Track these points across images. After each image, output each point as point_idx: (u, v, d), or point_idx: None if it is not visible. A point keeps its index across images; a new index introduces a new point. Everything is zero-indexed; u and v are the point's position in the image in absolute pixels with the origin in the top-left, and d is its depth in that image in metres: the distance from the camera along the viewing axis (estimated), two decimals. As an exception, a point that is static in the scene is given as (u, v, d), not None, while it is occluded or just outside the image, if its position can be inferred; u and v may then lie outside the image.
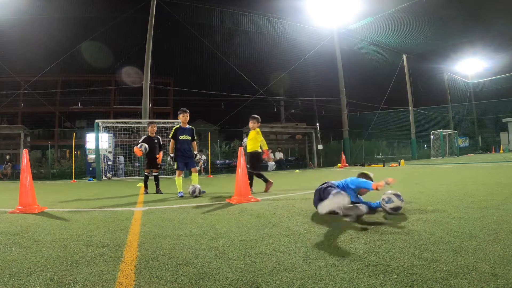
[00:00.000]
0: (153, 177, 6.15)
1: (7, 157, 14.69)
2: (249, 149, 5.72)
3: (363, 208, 2.77)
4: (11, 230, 2.68)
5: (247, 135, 6.18)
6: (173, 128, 5.60)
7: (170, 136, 5.57)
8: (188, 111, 5.62)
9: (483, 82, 29.45)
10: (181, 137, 5.46)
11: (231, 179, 8.33)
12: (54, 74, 20.61)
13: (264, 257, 1.74)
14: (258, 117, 5.83)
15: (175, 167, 5.56)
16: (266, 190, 5.42)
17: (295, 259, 1.69)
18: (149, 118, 16.06)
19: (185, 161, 5.49)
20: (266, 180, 5.52)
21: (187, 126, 5.60)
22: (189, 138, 5.55)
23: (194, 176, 5.48)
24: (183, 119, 5.55)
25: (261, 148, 5.75)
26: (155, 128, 6.57)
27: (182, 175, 5.51)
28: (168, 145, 5.63)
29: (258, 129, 5.75)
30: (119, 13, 16.25)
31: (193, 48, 18.59)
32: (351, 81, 21.33)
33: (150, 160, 6.17)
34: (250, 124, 5.79)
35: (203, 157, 14.76)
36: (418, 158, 22.22)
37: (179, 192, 5.27)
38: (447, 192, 4.09)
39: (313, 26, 20.18)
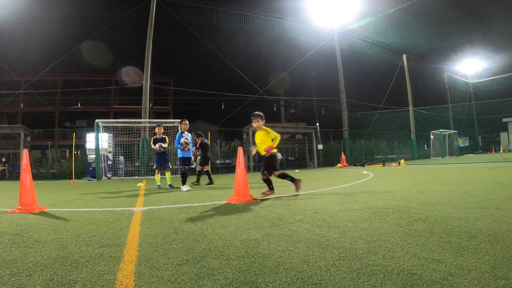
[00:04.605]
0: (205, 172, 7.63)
1: (3, 159, 14.64)
2: (263, 153, 4.75)
3: None
4: (11, 230, 2.68)
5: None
6: (152, 138, 7.28)
7: (151, 143, 7.22)
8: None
9: (483, 82, 29.46)
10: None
11: (230, 179, 8.32)
12: (54, 74, 20.62)
13: (264, 257, 1.74)
14: (261, 113, 4.82)
15: (154, 167, 7.33)
16: (297, 190, 4.76)
17: (295, 259, 1.69)
18: (149, 118, 16.07)
19: (160, 163, 7.10)
20: (293, 180, 4.77)
21: (161, 136, 7.20)
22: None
23: (168, 174, 7.14)
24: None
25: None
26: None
27: (159, 173, 7.16)
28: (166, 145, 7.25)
29: (265, 127, 4.81)
30: (119, 13, 16.24)
31: (193, 48, 18.60)
32: (351, 81, 21.35)
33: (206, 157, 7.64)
34: (254, 124, 4.83)
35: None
36: (418, 158, 22.22)
37: (157, 185, 6.93)
38: (447, 192, 4.09)
39: (313, 26, 20.17)
